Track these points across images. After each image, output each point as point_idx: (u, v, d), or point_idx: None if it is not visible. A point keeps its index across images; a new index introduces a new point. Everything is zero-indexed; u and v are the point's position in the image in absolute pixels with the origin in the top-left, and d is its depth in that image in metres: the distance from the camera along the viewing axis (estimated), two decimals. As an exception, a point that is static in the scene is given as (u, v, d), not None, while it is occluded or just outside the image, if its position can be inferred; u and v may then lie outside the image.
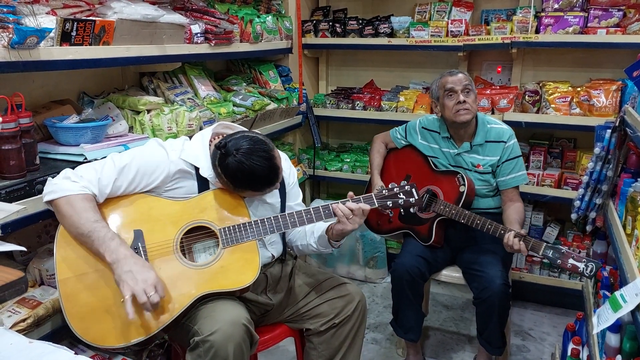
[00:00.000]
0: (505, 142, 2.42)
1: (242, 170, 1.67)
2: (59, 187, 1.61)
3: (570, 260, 2.04)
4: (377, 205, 1.88)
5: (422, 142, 2.58)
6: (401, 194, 1.90)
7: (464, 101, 2.33)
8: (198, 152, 1.79)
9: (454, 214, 2.32)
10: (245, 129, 1.89)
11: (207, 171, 1.78)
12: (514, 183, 2.44)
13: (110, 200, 1.70)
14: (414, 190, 1.91)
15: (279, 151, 1.81)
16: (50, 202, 1.62)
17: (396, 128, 2.71)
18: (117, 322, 1.58)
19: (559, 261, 2.06)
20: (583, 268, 2.01)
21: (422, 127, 2.59)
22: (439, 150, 2.54)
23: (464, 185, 2.37)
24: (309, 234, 2.01)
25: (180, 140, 1.86)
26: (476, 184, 2.44)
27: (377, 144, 2.75)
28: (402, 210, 2.51)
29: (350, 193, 1.87)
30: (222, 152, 1.68)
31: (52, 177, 1.66)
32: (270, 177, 1.72)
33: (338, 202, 1.83)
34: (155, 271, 1.59)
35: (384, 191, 1.91)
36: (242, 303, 1.78)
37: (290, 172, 2.05)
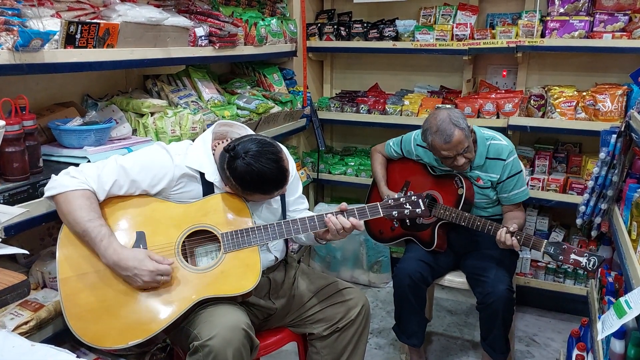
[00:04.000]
0: (505, 160, 2.37)
1: (251, 172, 1.66)
2: (58, 182, 1.62)
3: (572, 256, 2.03)
4: (382, 215, 1.87)
5: (418, 160, 2.57)
6: (407, 204, 1.90)
7: (462, 164, 2.30)
8: (201, 157, 1.79)
9: (454, 217, 2.32)
10: (244, 126, 1.91)
11: (212, 176, 1.78)
12: (517, 200, 2.42)
13: (114, 200, 1.71)
14: (420, 201, 1.90)
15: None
16: (51, 198, 1.63)
17: (391, 143, 2.67)
18: (116, 323, 1.59)
19: (561, 257, 2.05)
20: (585, 262, 2.00)
21: (417, 145, 2.54)
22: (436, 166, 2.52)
23: (462, 187, 2.37)
24: None
25: (184, 145, 1.85)
26: (475, 197, 2.43)
27: (376, 156, 2.74)
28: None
29: (343, 204, 1.85)
30: (230, 155, 1.68)
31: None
32: (278, 180, 1.72)
33: (334, 214, 1.82)
34: (146, 252, 1.62)
35: (389, 201, 1.90)
36: (242, 307, 1.77)
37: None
